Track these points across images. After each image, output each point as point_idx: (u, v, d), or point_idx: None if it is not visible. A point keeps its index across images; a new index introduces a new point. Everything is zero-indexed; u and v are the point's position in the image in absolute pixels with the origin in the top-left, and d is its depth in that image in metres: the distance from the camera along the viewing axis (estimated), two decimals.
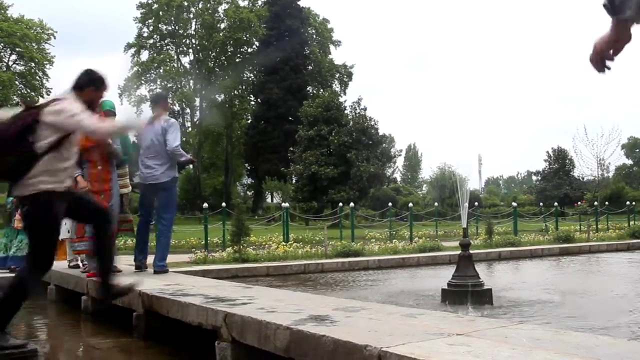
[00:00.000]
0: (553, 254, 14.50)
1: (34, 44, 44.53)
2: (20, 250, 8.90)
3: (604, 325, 5.22)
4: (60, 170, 4.19)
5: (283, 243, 14.05)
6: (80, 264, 7.82)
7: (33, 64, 45.08)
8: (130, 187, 7.31)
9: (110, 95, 5.87)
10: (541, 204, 29.94)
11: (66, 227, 7.02)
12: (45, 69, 45.97)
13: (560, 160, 48.72)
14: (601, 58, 2.09)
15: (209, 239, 14.48)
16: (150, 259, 7.09)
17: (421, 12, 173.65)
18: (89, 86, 4.50)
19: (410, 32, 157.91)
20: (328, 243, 13.08)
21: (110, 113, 6.49)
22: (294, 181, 41.81)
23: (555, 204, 23.57)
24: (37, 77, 45.87)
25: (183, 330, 4.47)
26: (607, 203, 28.10)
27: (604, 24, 2.07)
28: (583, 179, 45.43)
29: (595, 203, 26.44)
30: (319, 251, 12.60)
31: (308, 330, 3.05)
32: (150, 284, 5.46)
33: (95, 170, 6.38)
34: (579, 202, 38.33)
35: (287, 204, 16.96)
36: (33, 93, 46.04)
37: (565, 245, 15.53)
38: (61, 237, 7.33)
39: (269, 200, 54.86)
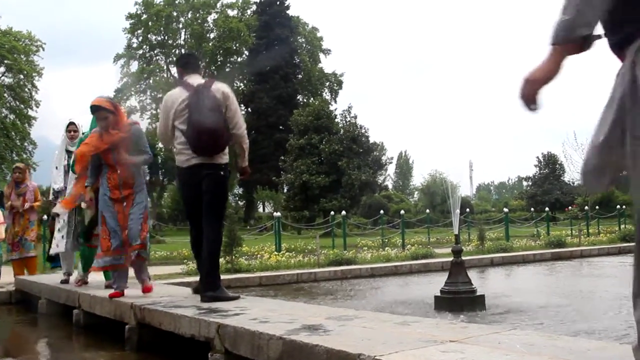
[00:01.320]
0: (545, 259, 14.55)
1: (22, 56, 44.35)
2: None
3: (596, 329, 5.24)
4: None
5: (275, 253, 14.04)
6: (72, 279, 7.15)
7: (22, 76, 44.88)
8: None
9: None
10: (532, 209, 30.05)
11: (62, 242, 6.91)
12: (34, 81, 45.78)
13: (550, 165, 48.92)
14: (534, 94, 2.03)
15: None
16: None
17: (410, 21, 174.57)
18: None
19: (399, 40, 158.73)
20: (320, 252, 13.07)
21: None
22: (285, 190, 41.79)
23: (546, 209, 23.69)
24: (26, 89, 45.65)
25: (176, 342, 4.45)
26: (597, 207, 28.22)
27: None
28: (573, 183, 45.61)
29: (586, 207, 26.57)
30: (311, 260, 12.59)
31: (301, 340, 3.05)
32: (142, 297, 5.44)
33: (115, 175, 5.58)
34: (570, 207, 38.48)
35: (278, 214, 16.96)
36: (22, 105, 45.84)
37: (557, 250, 15.59)
38: (52, 251, 7.24)
39: (260, 209, 54.74)
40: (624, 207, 26.59)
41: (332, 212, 21.60)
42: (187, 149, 4.93)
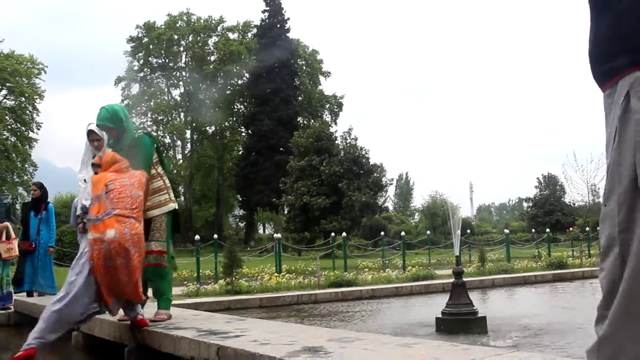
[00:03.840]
0: (547, 280, 14.49)
1: (24, 79, 44.61)
2: (7, 285, 8.67)
3: None
4: None
5: (276, 274, 13.97)
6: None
7: (23, 99, 45.10)
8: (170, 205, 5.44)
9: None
10: (533, 230, 29.97)
11: None
12: (35, 104, 45.99)
13: (550, 186, 48.90)
14: None
15: (201, 271, 14.38)
16: None
17: (410, 43, 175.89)
18: None
19: (400, 62, 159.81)
20: (321, 273, 13.02)
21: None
22: (285, 212, 41.72)
23: (547, 230, 23.61)
24: (28, 111, 45.84)
25: None
26: (598, 228, 28.10)
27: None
28: (574, 204, 45.56)
29: (587, 228, 26.49)
30: (312, 282, 12.53)
31: None
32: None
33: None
34: (571, 228, 38.38)
35: (279, 235, 16.91)
36: (23, 128, 46.00)
37: (558, 272, 15.53)
38: None
39: (261, 231, 54.65)
40: None
41: (333, 234, 21.54)
42: None
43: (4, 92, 45.26)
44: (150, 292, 5.71)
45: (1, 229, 8.50)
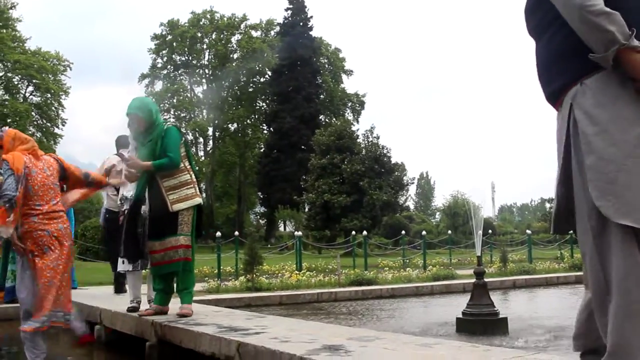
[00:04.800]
0: (569, 282, 14.32)
1: (50, 76, 45.10)
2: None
3: None
4: None
5: (296, 272, 14.00)
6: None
7: (49, 95, 45.59)
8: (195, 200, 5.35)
9: (125, 125, 5.81)
10: None
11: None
12: (61, 100, 46.46)
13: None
14: None
15: (221, 267, 14.46)
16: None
17: (433, 41, 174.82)
18: None
19: (422, 60, 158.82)
20: (341, 272, 13.02)
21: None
22: (306, 210, 41.75)
23: (570, 231, 23.30)
24: (53, 107, 46.35)
25: None
26: None
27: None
28: None
29: None
30: (332, 280, 12.54)
31: None
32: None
33: None
34: None
35: (299, 233, 16.96)
36: (49, 124, 46.54)
37: (581, 273, 15.31)
38: (120, 268, 6.07)
39: (281, 228, 54.78)
40: None
41: (353, 232, 21.51)
42: None
43: (31, 88, 45.84)
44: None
45: None
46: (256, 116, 56.99)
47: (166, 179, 5.23)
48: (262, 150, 53.61)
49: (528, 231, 21.28)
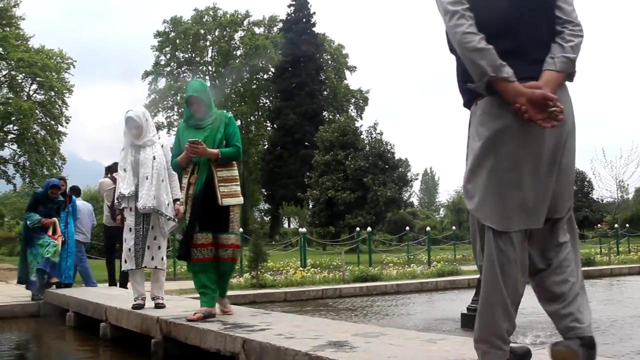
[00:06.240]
0: None
1: (53, 74, 45.11)
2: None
3: (623, 352, 5.13)
4: None
5: (300, 268, 14.02)
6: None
7: (53, 93, 45.62)
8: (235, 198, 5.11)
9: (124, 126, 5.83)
10: None
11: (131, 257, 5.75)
12: (64, 98, 46.50)
13: (578, 182, 48.19)
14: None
15: None
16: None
17: (436, 37, 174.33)
18: None
19: (426, 56, 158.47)
20: (346, 268, 13.02)
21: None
22: (310, 206, 41.75)
23: (575, 226, 23.24)
24: (57, 105, 46.39)
25: (201, 356, 4.45)
26: (627, 225, 27.67)
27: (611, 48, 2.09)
28: (602, 201, 44.85)
29: (616, 225, 26.08)
30: (336, 276, 12.54)
31: (327, 357, 3.03)
32: (168, 310, 5.46)
33: None
34: (599, 225, 37.81)
35: (304, 229, 16.95)
36: (53, 122, 46.59)
37: (586, 269, 15.28)
38: (124, 268, 5.98)
39: (286, 225, 54.82)
40: None
41: (358, 228, 21.51)
42: None
43: (34, 86, 45.89)
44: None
45: (49, 224, 8.75)
46: (259, 113, 56.99)
47: (220, 169, 4.93)
48: (265, 147, 53.60)
49: None
